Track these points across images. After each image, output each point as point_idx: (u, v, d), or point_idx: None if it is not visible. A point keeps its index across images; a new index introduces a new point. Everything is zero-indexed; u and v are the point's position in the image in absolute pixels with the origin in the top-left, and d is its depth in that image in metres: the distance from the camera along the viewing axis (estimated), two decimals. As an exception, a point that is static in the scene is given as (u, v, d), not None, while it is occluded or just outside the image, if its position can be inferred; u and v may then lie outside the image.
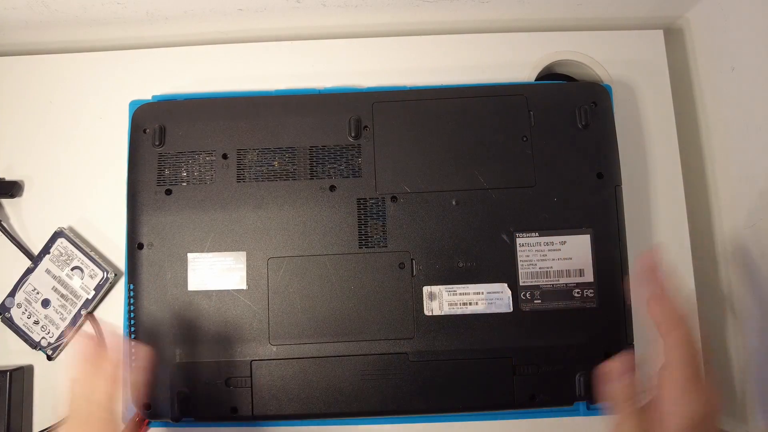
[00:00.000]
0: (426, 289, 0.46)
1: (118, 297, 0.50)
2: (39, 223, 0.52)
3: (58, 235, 0.50)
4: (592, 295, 0.46)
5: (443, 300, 0.46)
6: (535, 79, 0.54)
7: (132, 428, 0.45)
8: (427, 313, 0.46)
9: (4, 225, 0.51)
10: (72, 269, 0.50)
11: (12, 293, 0.50)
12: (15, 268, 0.50)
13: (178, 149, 0.48)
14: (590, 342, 0.46)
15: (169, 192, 0.48)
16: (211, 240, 0.47)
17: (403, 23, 0.56)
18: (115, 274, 0.50)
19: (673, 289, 0.36)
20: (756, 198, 0.48)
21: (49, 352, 0.49)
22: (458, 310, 0.46)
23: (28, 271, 0.50)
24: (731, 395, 0.51)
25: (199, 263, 0.47)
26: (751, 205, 0.49)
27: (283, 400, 0.45)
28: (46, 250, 0.50)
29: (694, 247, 0.52)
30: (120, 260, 0.51)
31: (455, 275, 0.46)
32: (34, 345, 0.49)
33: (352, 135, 0.48)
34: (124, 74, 0.54)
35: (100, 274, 0.49)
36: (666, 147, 0.53)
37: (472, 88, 0.51)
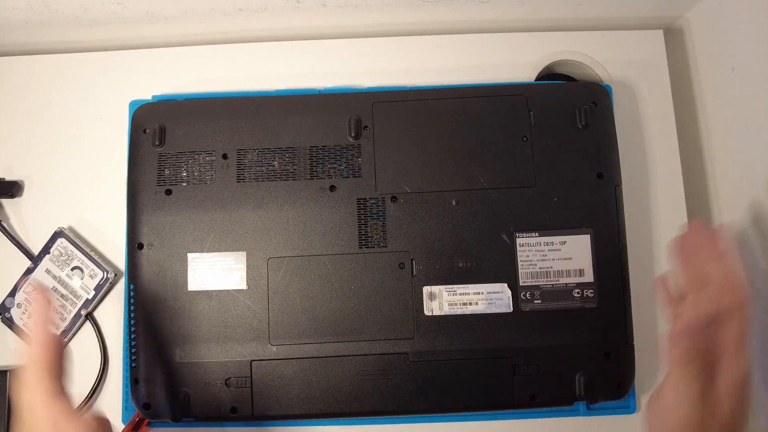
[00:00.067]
0: (426, 289, 0.46)
1: (118, 297, 0.50)
2: (39, 223, 0.52)
3: (58, 235, 0.50)
4: (592, 295, 0.46)
5: (443, 300, 0.46)
6: (535, 79, 0.54)
7: (132, 428, 0.45)
8: (427, 313, 0.46)
9: (4, 225, 0.51)
10: (72, 269, 0.50)
11: (12, 293, 0.49)
12: (15, 268, 0.50)
13: (178, 149, 0.48)
14: (590, 342, 0.46)
15: (169, 192, 0.48)
16: (211, 240, 0.47)
17: (403, 23, 0.56)
18: (115, 274, 0.50)
19: (732, 252, 0.37)
20: (756, 198, 0.48)
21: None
22: (458, 310, 0.46)
23: (28, 271, 0.50)
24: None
25: (199, 263, 0.47)
26: (751, 205, 0.49)
27: (283, 400, 0.45)
28: (46, 250, 0.50)
29: (694, 247, 0.51)
30: (120, 260, 0.51)
31: (455, 275, 0.46)
32: (34, 345, 0.49)
33: (352, 135, 0.48)
34: (124, 74, 0.54)
35: (100, 274, 0.49)
36: (666, 147, 0.53)
37: (472, 88, 0.51)
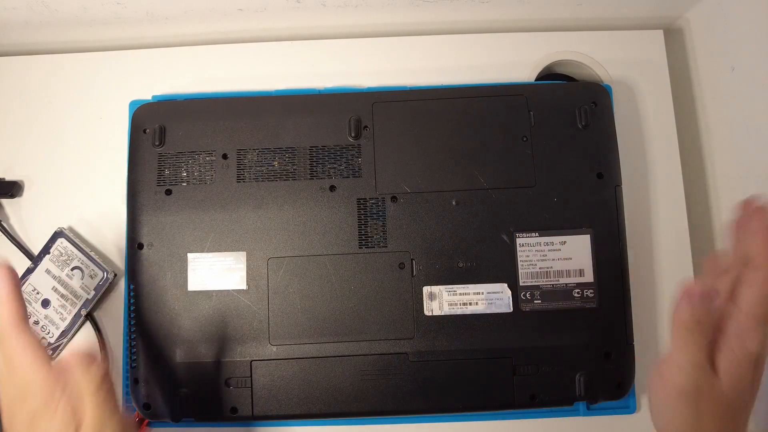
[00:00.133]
0: (426, 289, 0.46)
1: (118, 297, 0.50)
2: (39, 223, 0.51)
3: (58, 235, 0.50)
4: (592, 295, 0.46)
5: (443, 300, 0.46)
6: (535, 79, 0.54)
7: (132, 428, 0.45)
8: (427, 313, 0.46)
9: (4, 225, 0.51)
10: (72, 269, 0.50)
11: (12, 293, 0.49)
12: (15, 268, 0.50)
13: (178, 149, 0.48)
14: (590, 342, 0.46)
15: (169, 192, 0.48)
16: (211, 240, 0.47)
17: (403, 23, 0.56)
18: (115, 274, 0.50)
19: None
20: (756, 198, 0.48)
21: (50, 352, 0.49)
22: (458, 310, 0.46)
23: (28, 272, 0.50)
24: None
25: (199, 263, 0.47)
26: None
27: (283, 400, 0.45)
28: (46, 250, 0.50)
29: (694, 247, 0.51)
30: (120, 260, 0.51)
31: (455, 275, 0.46)
32: (34, 345, 0.49)
33: (352, 135, 0.48)
34: (123, 74, 0.54)
35: (100, 274, 0.49)
36: (666, 147, 0.53)
37: (473, 88, 0.51)
